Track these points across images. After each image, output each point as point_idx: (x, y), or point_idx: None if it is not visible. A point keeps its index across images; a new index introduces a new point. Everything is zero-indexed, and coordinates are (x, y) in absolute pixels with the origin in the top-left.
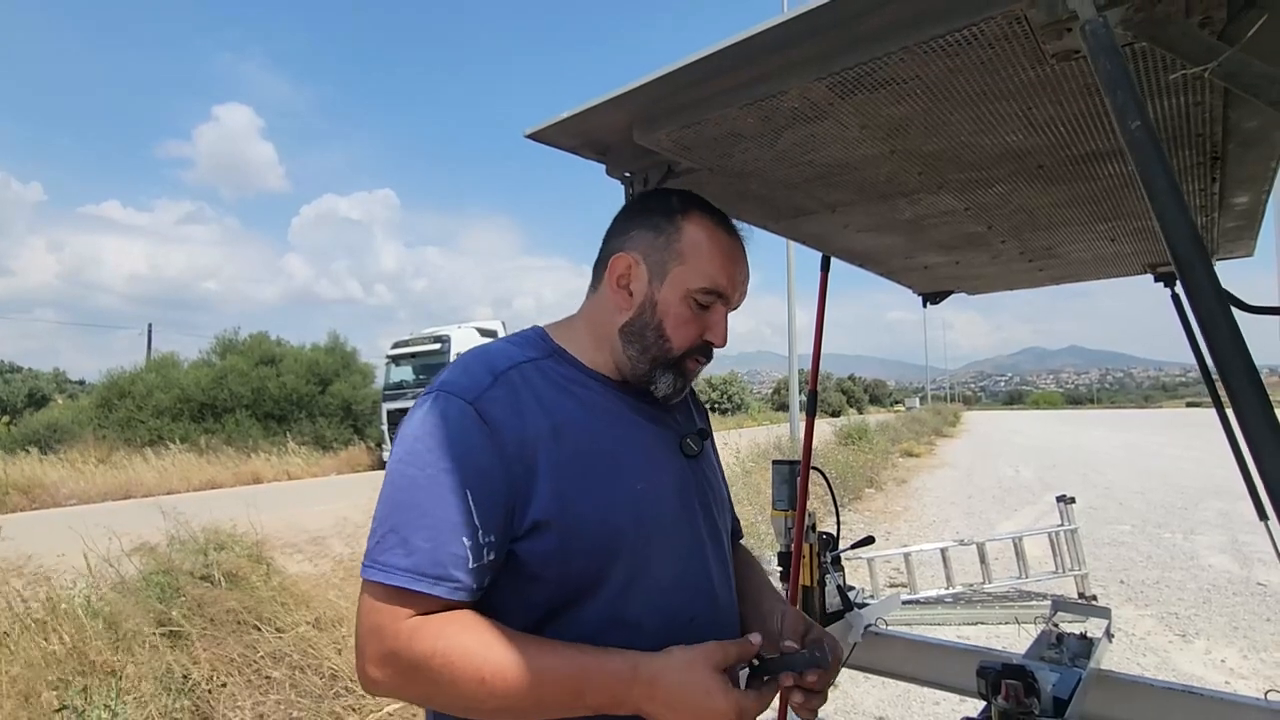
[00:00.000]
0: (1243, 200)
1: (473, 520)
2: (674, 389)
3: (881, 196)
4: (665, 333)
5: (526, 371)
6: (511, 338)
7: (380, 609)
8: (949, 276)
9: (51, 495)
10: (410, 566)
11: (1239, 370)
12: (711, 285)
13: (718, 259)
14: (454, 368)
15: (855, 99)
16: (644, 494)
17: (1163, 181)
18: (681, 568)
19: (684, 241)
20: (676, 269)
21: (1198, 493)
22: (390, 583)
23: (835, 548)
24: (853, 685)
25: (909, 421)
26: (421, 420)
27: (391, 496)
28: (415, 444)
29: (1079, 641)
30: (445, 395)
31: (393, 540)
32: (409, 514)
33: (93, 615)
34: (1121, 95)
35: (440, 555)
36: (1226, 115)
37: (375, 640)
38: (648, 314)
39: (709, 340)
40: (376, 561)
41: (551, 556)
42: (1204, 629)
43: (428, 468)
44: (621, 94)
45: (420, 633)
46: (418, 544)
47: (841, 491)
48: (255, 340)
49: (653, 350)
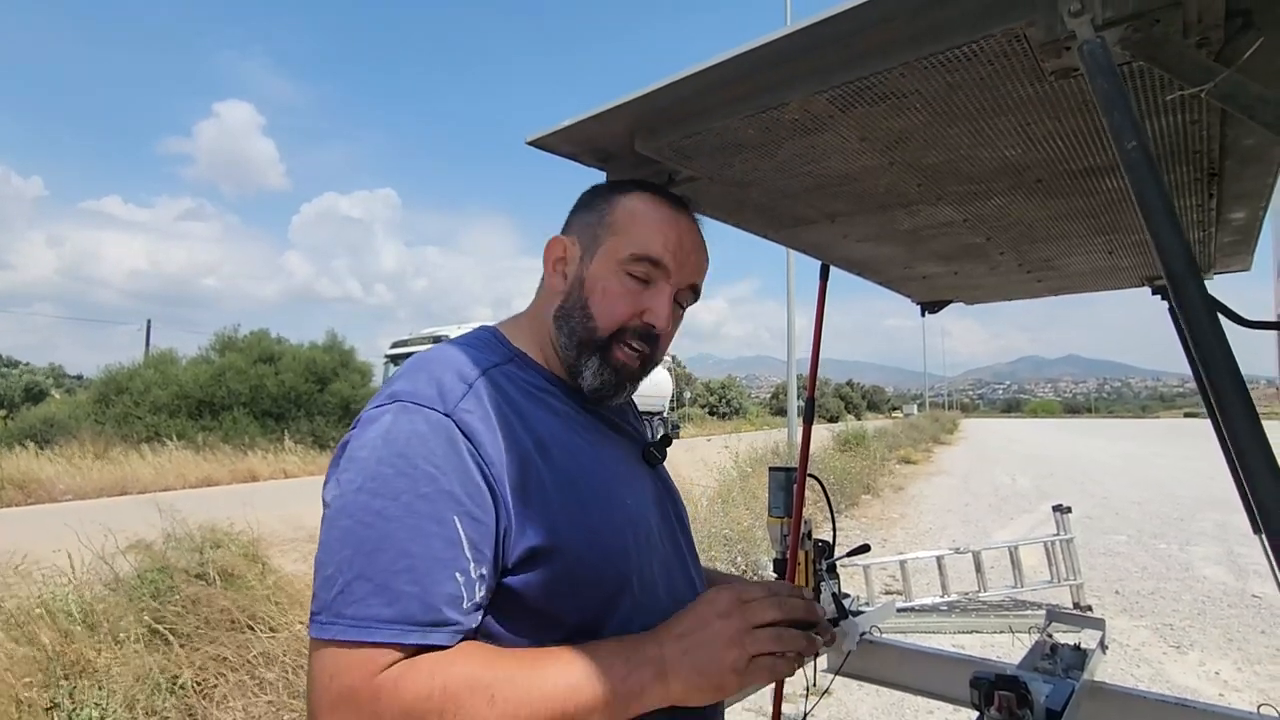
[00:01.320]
0: (1240, 215)
1: (464, 552)
2: (601, 380)
3: (881, 207)
4: (590, 309)
5: (495, 378)
6: (465, 340)
7: (351, 670)
8: (947, 286)
9: (47, 491)
10: (396, 616)
11: (1228, 386)
12: (643, 251)
13: (653, 224)
14: (410, 375)
15: (856, 112)
16: (633, 510)
17: (1157, 201)
18: (672, 583)
19: (617, 213)
20: (609, 241)
21: (1194, 504)
22: (371, 639)
23: (831, 555)
24: (846, 693)
25: (907, 428)
26: (383, 439)
27: (353, 535)
28: (380, 467)
29: (1073, 652)
30: (411, 407)
31: (364, 589)
32: (383, 555)
33: (84, 614)
34: (1118, 115)
35: (432, 598)
36: (1224, 133)
37: (349, 709)
38: (576, 293)
39: (647, 321)
40: (343, 616)
41: (555, 587)
42: (1198, 641)
43: (400, 495)
44: (623, 103)
45: (408, 677)
46: (401, 588)
47: (838, 498)
48: (254, 338)
49: (579, 332)
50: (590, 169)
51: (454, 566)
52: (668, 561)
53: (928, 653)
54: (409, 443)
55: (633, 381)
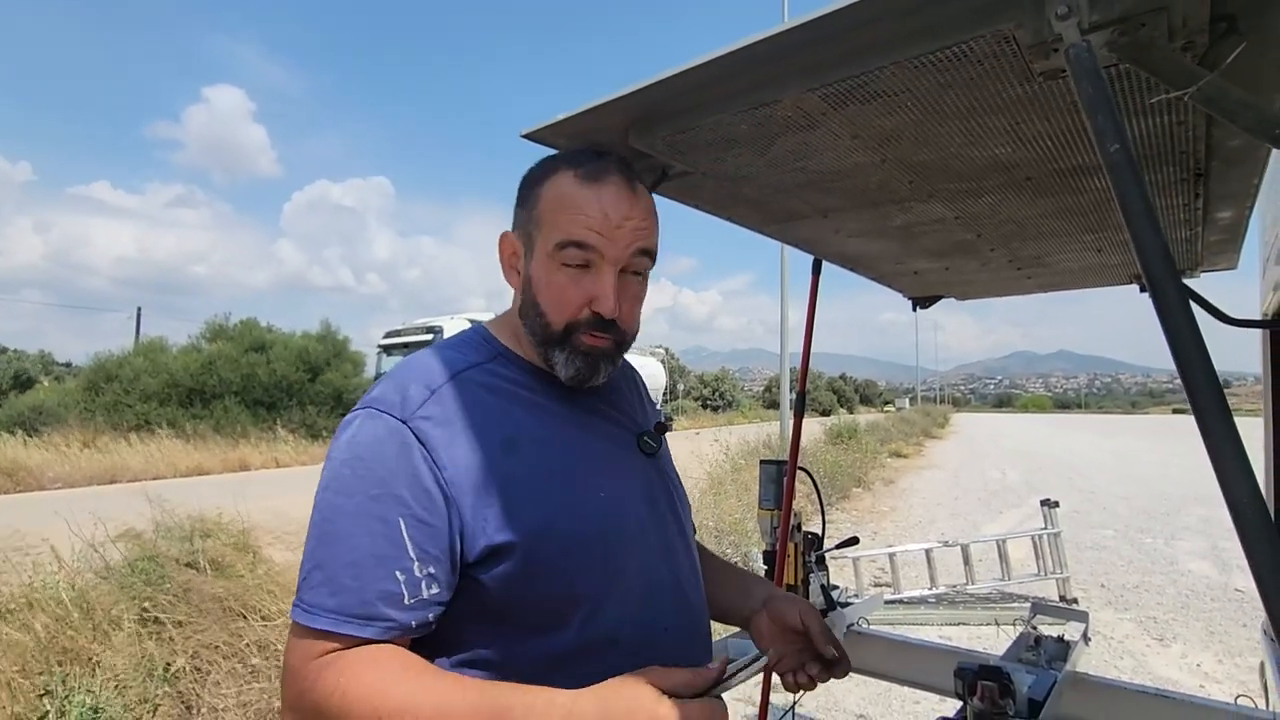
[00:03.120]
0: (1226, 215)
1: (408, 553)
2: (575, 368)
3: (873, 203)
4: (541, 307)
5: (468, 379)
6: (452, 341)
7: (297, 649)
8: (939, 282)
9: (36, 478)
10: (336, 607)
11: (1202, 384)
12: (565, 237)
13: (573, 207)
14: (385, 381)
15: (847, 110)
16: (608, 502)
17: (1138, 203)
18: (653, 576)
19: (541, 203)
20: (539, 235)
21: (1180, 499)
22: (314, 625)
23: (820, 547)
24: (834, 684)
25: (898, 422)
26: (348, 442)
27: (318, 528)
28: (341, 469)
29: (1056, 644)
30: (374, 414)
31: (318, 578)
32: (335, 548)
33: (75, 602)
34: (1102, 119)
35: (368, 594)
36: (1210, 134)
37: (291, 682)
38: (529, 292)
39: (595, 310)
40: (302, 601)
41: (516, 580)
42: (1181, 633)
43: (354, 495)
44: (618, 97)
45: (326, 671)
46: (344, 582)
47: (829, 491)
48: (245, 326)
49: (538, 330)
50: None
51: (395, 565)
52: (653, 556)
53: (914, 644)
54: (367, 447)
55: (609, 361)
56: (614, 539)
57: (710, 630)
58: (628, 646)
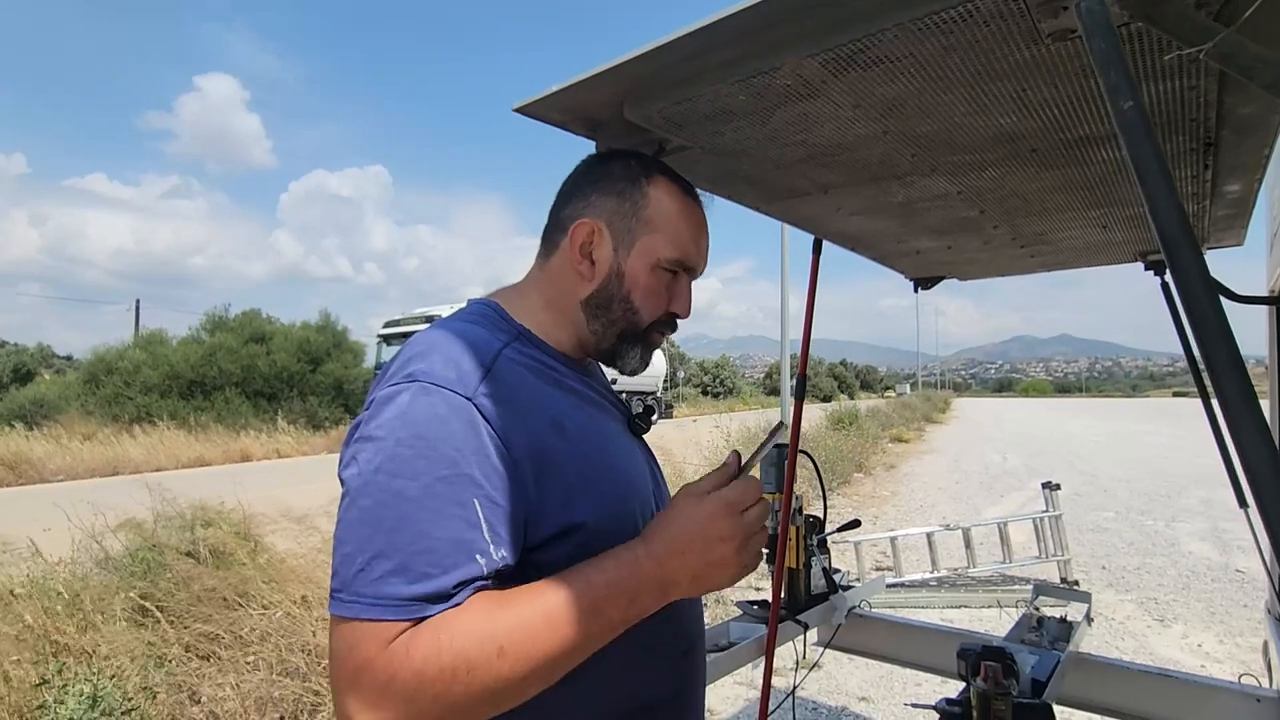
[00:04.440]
0: (1235, 188)
1: (484, 535)
2: (641, 362)
3: (874, 179)
4: (634, 304)
5: (511, 358)
6: (469, 317)
7: (366, 643)
8: (941, 262)
9: (38, 471)
10: (417, 595)
11: (1223, 356)
12: (682, 256)
13: (687, 229)
14: (428, 353)
15: (848, 77)
16: (634, 480)
17: (1153, 164)
18: None
19: (651, 209)
20: (645, 237)
21: (1181, 481)
22: (392, 618)
23: (821, 531)
24: (836, 666)
25: (899, 407)
26: (401, 419)
27: (373, 515)
28: (399, 449)
29: (1059, 625)
30: (429, 387)
31: (383, 567)
32: (402, 534)
33: (74, 592)
34: (1115, 75)
35: (450, 581)
36: (1221, 100)
37: (367, 679)
38: (614, 285)
39: (674, 311)
40: (362, 595)
41: (571, 561)
42: (1182, 614)
43: (420, 477)
44: (612, 67)
45: (415, 641)
46: (422, 569)
47: (830, 476)
48: (245, 317)
49: (620, 323)
50: (582, 140)
51: (474, 549)
52: None
53: (916, 626)
54: (428, 424)
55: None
56: (641, 516)
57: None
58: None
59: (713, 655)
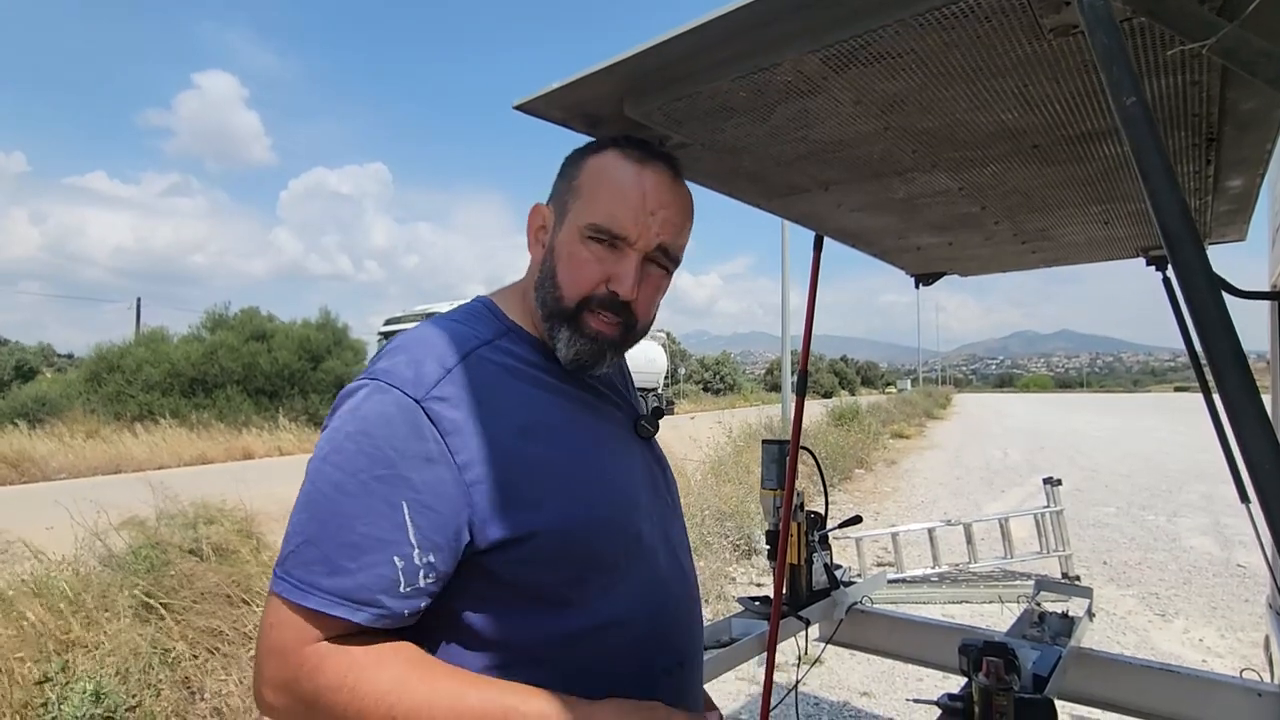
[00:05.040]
0: (1237, 183)
1: (408, 538)
2: (576, 350)
3: (875, 175)
4: (557, 278)
5: (482, 358)
6: (457, 314)
7: (286, 627)
8: (942, 258)
9: (40, 469)
10: (332, 589)
11: (1225, 350)
12: (602, 221)
13: (614, 188)
14: (395, 352)
15: (849, 73)
16: (620, 487)
17: (1155, 159)
18: (657, 557)
19: (583, 176)
20: (573, 206)
21: (1182, 476)
22: (305, 604)
23: (823, 526)
24: (838, 662)
25: (900, 403)
26: (353, 414)
27: (314, 501)
28: (345, 442)
29: (1060, 620)
30: (384, 387)
31: (311, 554)
32: (332, 526)
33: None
34: (1118, 70)
35: (367, 579)
36: (1224, 96)
37: (277, 662)
38: (549, 262)
39: (612, 289)
40: (290, 575)
41: (529, 565)
42: (1183, 609)
43: (359, 473)
44: (612, 64)
45: (329, 662)
46: (342, 563)
47: (831, 472)
48: (246, 315)
49: (549, 302)
50: (583, 138)
51: (395, 550)
52: (658, 538)
53: (917, 622)
54: (375, 423)
55: (614, 350)
56: (625, 523)
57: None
58: (635, 627)
59: (714, 652)
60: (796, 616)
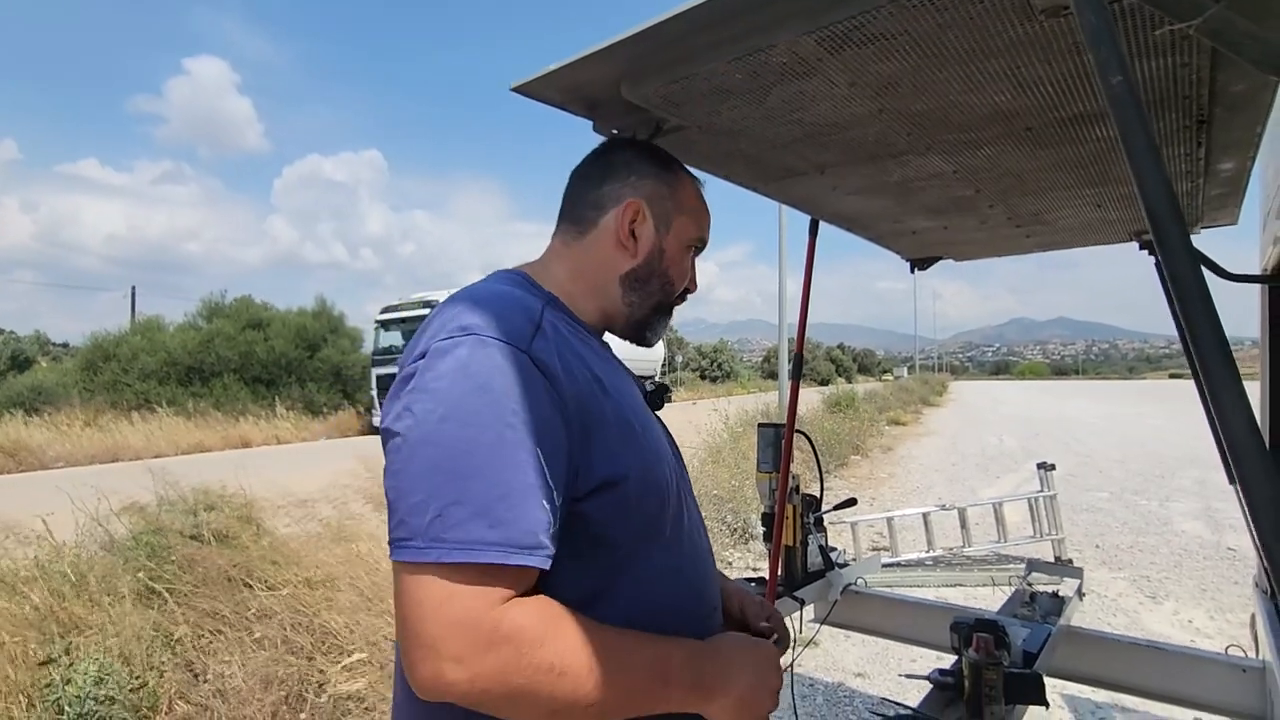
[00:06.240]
0: (1228, 166)
1: (547, 481)
2: (661, 331)
3: (870, 157)
4: (671, 279)
5: (552, 318)
6: (503, 279)
7: (464, 595)
8: (937, 242)
9: (38, 458)
10: (501, 539)
11: (1205, 329)
12: (703, 235)
13: (704, 210)
14: (472, 310)
15: (844, 55)
16: (661, 446)
17: (1141, 138)
18: (692, 516)
19: (682, 194)
20: (679, 220)
21: (1176, 461)
22: (479, 560)
23: (818, 509)
24: (833, 644)
25: (896, 390)
26: (463, 370)
27: (442, 464)
28: (465, 400)
29: (1051, 600)
30: (490, 341)
31: (462, 513)
32: (479, 481)
33: (80, 573)
34: (1105, 50)
35: (529, 523)
36: (1214, 78)
37: (466, 633)
38: (655, 261)
39: (688, 288)
40: (444, 540)
41: (618, 512)
42: (1174, 591)
43: (489, 425)
44: (608, 46)
45: (525, 620)
46: (502, 514)
47: (827, 458)
48: (242, 304)
49: (656, 296)
50: (580, 125)
51: (542, 494)
52: (685, 499)
53: (911, 602)
54: (491, 375)
55: None
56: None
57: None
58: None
59: None
60: (791, 597)
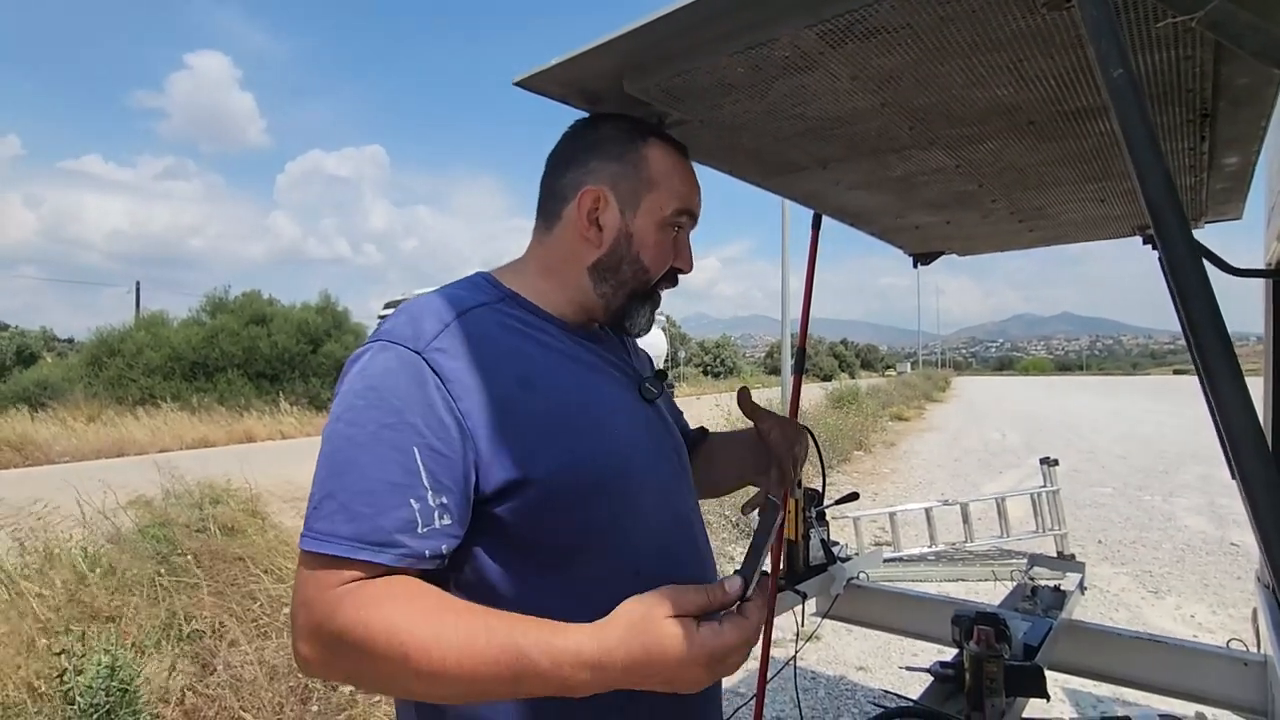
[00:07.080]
0: (1232, 160)
1: (422, 481)
2: (647, 319)
3: (873, 152)
4: (644, 263)
5: (480, 315)
6: (456, 284)
7: (312, 580)
8: (940, 236)
9: (44, 452)
10: (352, 534)
11: (1206, 322)
12: (684, 205)
13: (682, 177)
14: (396, 316)
15: (846, 48)
16: (621, 441)
17: (1141, 131)
18: (663, 513)
19: (651, 166)
20: (649, 196)
21: (1179, 457)
22: (328, 551)
23: (820, 503)
24: (835, 638)
25: (900, 386)
26: (360, 374)
27: (329, 459)
28: (354, 400)
29: (1052, 593)
30: (387, 345)
31: (330, 506)
32: (348, 477)
33: (90, 565)
34: (1105, 42)
35: (384, 520)
36: (1218, 71)
37: (305, 612)
38: (623, 247)
39: (677, 267)
40: (313, 530)
41: (535, 513)
42: (1176, 586)
43: (367, 425)
44: (611, 39)
45: (345, 601)
46: (359, 509)
47: (830, 454)
48: (246, 299)
49: (630, 283)
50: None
51: (409, 493)
52: (662, 490)
53: (912, 595)
54: (380, 377)
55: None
56: (627, 476)
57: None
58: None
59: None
60: (794, 591)
